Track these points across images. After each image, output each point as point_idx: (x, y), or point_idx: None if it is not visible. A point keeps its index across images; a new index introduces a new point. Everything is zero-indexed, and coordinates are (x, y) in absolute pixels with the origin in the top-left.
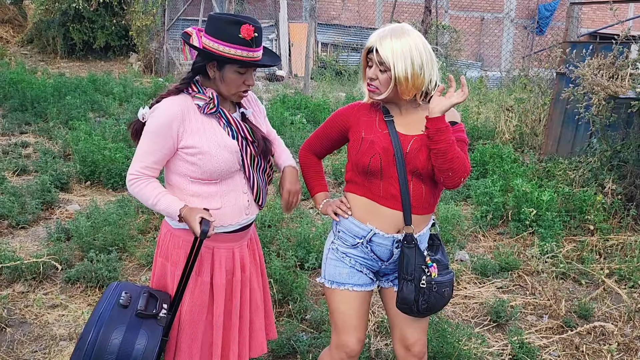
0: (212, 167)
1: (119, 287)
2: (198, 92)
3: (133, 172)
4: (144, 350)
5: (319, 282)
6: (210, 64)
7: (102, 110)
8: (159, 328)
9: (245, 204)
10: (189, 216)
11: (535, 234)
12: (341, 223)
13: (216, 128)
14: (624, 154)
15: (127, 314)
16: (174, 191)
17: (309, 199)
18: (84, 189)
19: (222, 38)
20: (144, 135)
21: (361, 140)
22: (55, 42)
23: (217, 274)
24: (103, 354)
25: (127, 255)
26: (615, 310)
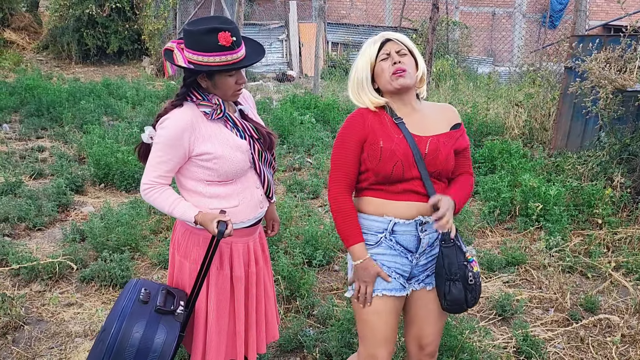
0: (228, 169)
1: (138, 283)
2: (203, 99)
3: (147, 181)
4: (162, 344)
5: (348, 296)
6: (200, 76)
7: (115, 114)
8: (176, 324)
9: (259, 199)
10: (205, 221)
11: (543, 228)
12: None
13: (225, 131)
14: (633, 147)
15: (147, 309)
16: (191, 195)
17: (317, 197)
18: (98, 191)
19: (203, 49)
20: (155, 146)
21: (380, 150)
22: (69, 48)
23: (237, 267)
24: (125, 346)
25: (140, 254)
26: (622, 302)
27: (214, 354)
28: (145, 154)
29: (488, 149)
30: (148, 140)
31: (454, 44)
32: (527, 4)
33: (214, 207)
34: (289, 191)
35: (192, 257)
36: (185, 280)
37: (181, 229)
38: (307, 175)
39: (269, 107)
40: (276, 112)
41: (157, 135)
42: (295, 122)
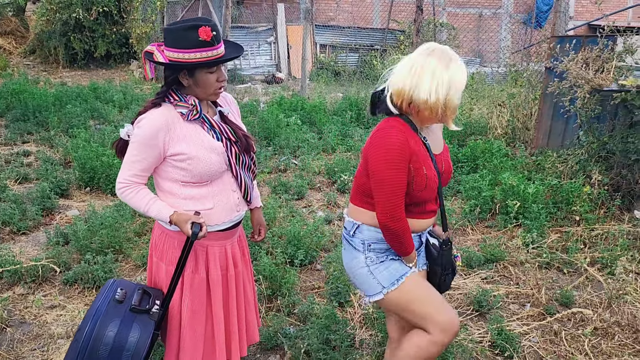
0: (202, 170)
1: (115, 283)
2: (180, 100)
3: (122, 180)
4: (136, 342)
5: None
6: (181, 73)
7: (102, 118)
8: (151, 322)
9: (235, 202)
10: (179, 221)
11: (522, 225)
12: (367, 238)
13: (201, 133)
14: (611, 145)
15: (122, 309)
16: (167, 196)
17: (302, 198)
18: (84, 195)
19: (184, 46)
20: (131, 145)
21: (426, 178)
22: (57, 52)
23: (213, 270)
24: (99, 345)
25: (124, 257)
26: (596, 297)
27: (188, 356)
28: (122, 150)
29: (471, 148)
30: (125, 136)
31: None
32: (514, 4)
33: (188, 209)
34: (274, 192)
35: (168, 258)
36: (162, 281)
37: (158, 231)
38: (293, 176)
39: (257, 110)
40: (262, 114)
41: (133, 134)
42: (281, 124)
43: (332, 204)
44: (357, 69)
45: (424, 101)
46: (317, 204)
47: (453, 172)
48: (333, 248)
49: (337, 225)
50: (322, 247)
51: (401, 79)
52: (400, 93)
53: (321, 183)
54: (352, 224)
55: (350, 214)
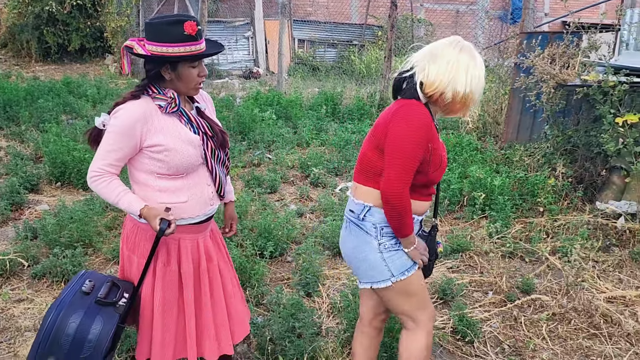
0: (178, 162)
1: (85, 275)
2: (158, 93)
3: (95, 169)
4: (98, 334)
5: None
6: (164, 67)
7: (74, 113)
8: (115, 315)
9: (209, 196)
10: (149, 216)
11: (488, 217)
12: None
13: (178, 125)
14: (575, 139)
15: (87, 300)
16: (141, 188)
17: (275, 192)
18: (54, 190)
19: (168, 40)
20: (107, 135)
21: (441, 159)
22: (29, 46)
23: (185, 263)
24: (61, 335)
25: (93, 250)
26: (556, 284)
27: (158, 348)
28: (95, 139)
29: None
30: (100, 125)
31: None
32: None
33: (162, 201)
34: (247, 186)
35: (140, 251)
36: (133, 274)
37: (130, 224)
38: (266, 170)
39: (232, 105)
40: (237, 109)
41: (110, 124)
42: (256, 119)
43: (304, 198)
44: (335, 65)
45: (460, 94)
46: (290, 198)
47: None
48: (304, 240)
49: (309, 218)
50: (293, 239)
51: (438, 73)
52: (434, 85)
53: (294, 177)
54: (362, 206)
55: (359, 196)
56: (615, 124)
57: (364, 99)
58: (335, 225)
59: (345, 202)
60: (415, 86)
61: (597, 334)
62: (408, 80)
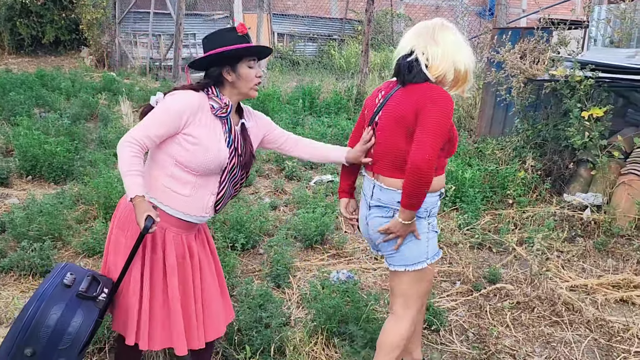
0: (200, 160)
1: (66, 267)
2: (216, 96)
3: (134, 136)
4: (78, 327)
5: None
6: (225, 69)
7: (47, 106)
8: (95, 310)
9: (208, 204)
10: (139, 207)
11: (459, 209)
12: (428, 204)
13: (218, 131)
14: (544, 132)
15: (69, 293)
16: (154, 167)
17: (249, 185)
18: (25, 183)
19: (226, 44)
20: (157, 109)
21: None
22: (1, 38)
23: (169, 254)
24: (40, 326)
25: (63, 244)
26: (522, 274)
27: (145, 335)
28: (146, 114)
29: None
30: (154, 103)
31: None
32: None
33: (168, 186)
34: None
35: (130, 232)
36: (121, 252)
37: (123, 203)
38: None
39: None
40: None
41: (163, 101)
42: None
43: (279, 191)
44: (315, 59)
45: (461, 72)
46: (265, 191)
47: None
48: (276, 232)
49: (283, 211)
50: (266, 231)
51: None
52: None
53: (270, 170)
54: None
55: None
56: (582, 118)
57: (342, 93)
58: (307, 218)
59: (320, 194)
60: (423, 69)
61: (559, 322)
62: (414, 65)
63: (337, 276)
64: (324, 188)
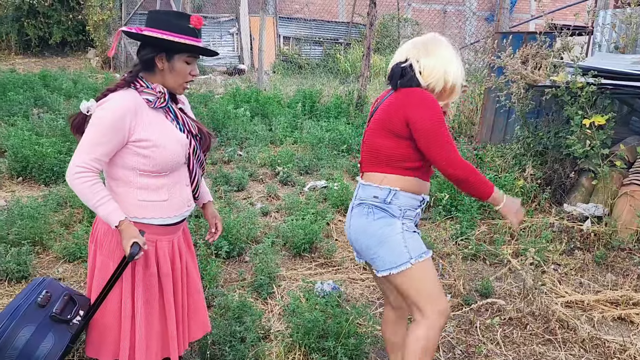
0: (164, 160)
1: (43, 284)
2: (146, 87)
3: (80, 163)
4: (47, 353)
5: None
6: (159, 55)
7: (46, 106)
8: (68, 334)
9: (187, 197)
10: (126, 232)
11: (454, 218)
12: (403, 204)
13: (166, 122)
14: (545, 140)
15: (42, 314)
16: (119, 185)
17: (242, 190)
18: (15, 185)
19: (171, 30)
20: (93, 127)
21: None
22: (9, 38)
23: (163, 264)
24: (8, 347)
25: (43, 248)
26: (516, 288)
27: (143, 355)
28: (79, 126)
29: None
30: (85, 111)
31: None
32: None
33: (143, 199)
34: (214, 184)
35: (117, 256)
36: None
37: (103, 227)
38: (235, 168)
39: (210, 101)
40: (211, 105)
41: (96, 116)
42: (230, 115)
43: (272, 196)
44: (320, 62)
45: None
46: (257, 196)
47: None
48: (265, 240)
49: (274, 217)
50: (253, 238)
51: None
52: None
53: (264, 175)
54: (389, 190)
55: (382, 182)
56: (583, 126)
57: (342, 97)
58: (295, 225)
59: (312, 201)
60: (416, 75)
61: (552, 340)
62: (408, 70)
63: (321, 287)
64: (317, 194)
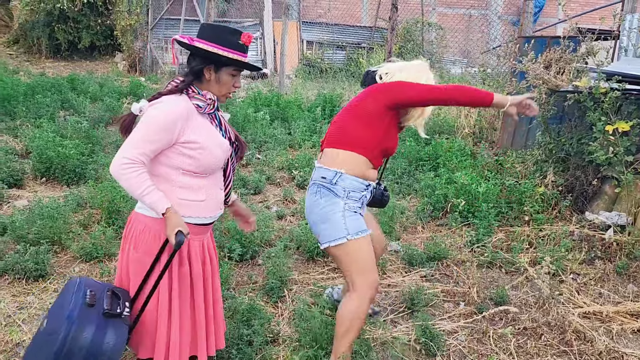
0: (208, 162)
1: (82, 283)
2: (197, 94)
3: (129, 155)
4: (112, 348)
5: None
6: (208, 67)
7: (72, 109)
8: (124, 326)
9: (221, 199)
10: (170, 221)
11: (472, 224)
12: (348, 186)
13: (211, 127)
14: (567, 146)
15: (94, 313)
16: (161, 182)
17: (259, 193)
18: (39, 185)
19: (222, 44)
20: (145, 125)
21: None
22: (40, 43)
23: (195, 263)
24: (74, 350)
25: (61, 248)
26: (532, 297)
27: (177, 351)
28: (128, 126)
29: (433, 147)
30: (136, 111)
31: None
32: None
33: (183, 198)
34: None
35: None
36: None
37: (138, 226)
38: (253, 171)
39: (231, 105)
40: (232, 108)
41: (149, 115)
42: (250, 119)
43: (288, 200)
44: (343, 67)
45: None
46: (274, 199)
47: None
48: (278, 243)
49: (289, 221)
50: (267, 241)
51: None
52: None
53: (281, 178)
54: (335, 172)
55: (330, 163)
56: (606, 132)
57: None
58: (309, 228)
59: None
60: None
61: (568, 352)
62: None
63: (331, 292)
64: None
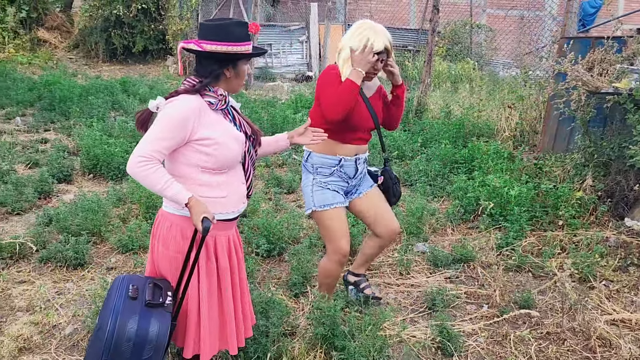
0: (225, 157)
1: (125, 280)
2: (208, 91)
3: (143, 153)
4: (157, 335)
5: (308, 212)
6: (228, 67)
7: (122, 109)
8: (167, 315)
9: (243, 193)
10: (195, 209)
11: (503, 228)
12: (315, 162)
13: (225, 122)
14: (607, 150)
15: (137, 304)
16: (181, 181)
17: (292, 193)
18: (86, 181)
19: (234, 40)
20: (160, 122)
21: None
22: (97, 47)
23: (222, 258)
24: (122, 342)
25: (100, 239)
26: (559, 302)
27: (207, 344)
28: (144, 122)
29: (469, 150)
30: (153, 108)
31: (478, 46)
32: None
33: (204, 196)
34: (266, 186)
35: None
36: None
37: (166, 223)
38: (288, 171)
39: (273, 106)
40: (272, 110)
41: (164, 113)
42: (289, 120)
43: None
44: None
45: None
46: None
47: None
48: (305, 241)
49: None
50: (295, 239)
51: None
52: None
53: None
54: (306, 152)
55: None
56: None
57: None
58: None
59: None
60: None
61: (590, 358)
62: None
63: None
64: None
